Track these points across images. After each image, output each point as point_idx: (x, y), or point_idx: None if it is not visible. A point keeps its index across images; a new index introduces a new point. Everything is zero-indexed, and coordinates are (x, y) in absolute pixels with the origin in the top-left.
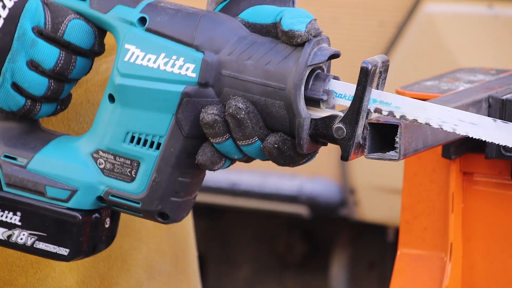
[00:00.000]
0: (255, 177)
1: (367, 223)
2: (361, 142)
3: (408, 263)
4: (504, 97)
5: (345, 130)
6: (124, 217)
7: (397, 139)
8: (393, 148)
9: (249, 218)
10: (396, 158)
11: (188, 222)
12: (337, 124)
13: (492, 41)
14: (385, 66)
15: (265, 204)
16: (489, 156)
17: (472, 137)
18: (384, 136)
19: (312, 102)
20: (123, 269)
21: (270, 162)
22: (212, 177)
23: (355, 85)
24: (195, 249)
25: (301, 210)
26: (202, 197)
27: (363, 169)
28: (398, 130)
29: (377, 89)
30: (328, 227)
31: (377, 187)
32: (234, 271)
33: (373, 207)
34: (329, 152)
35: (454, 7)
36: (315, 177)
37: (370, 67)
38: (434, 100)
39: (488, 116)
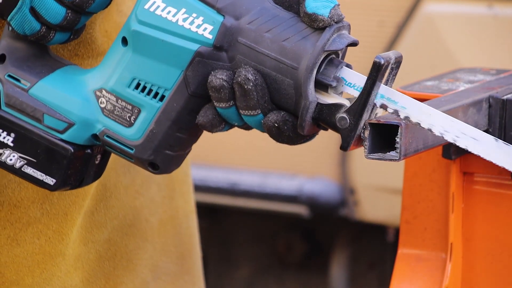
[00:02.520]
0: (255, 177)
1: (367, 223)
2: (361, 135)
3: (408, 263)
4: (505, 97)
5: (348, 121)
6: (129, 217)
7: (397, 139)
8: (394, 148)
9: (249, 218)
10: (397, 158)
11: (193, 222)
12: (341, 114)
13: (492, 41)
14: (398, 62)
15: (265, 204)
16: None
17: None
18: (384, 136)
19: (320, 86)
20: (129, 269)
21: (270, 161)
22: (212, 177)
23: (365, 77)
24: (199, 249)
25: (301, 210)
26: (202, 197)
27: (363, 169)
28: (399, 131)
29: (386, 84)
30: (328, 227)
31: (377, 187)
32: (234, 271)
33: (373, 207)
34: (329, 152)
35: (454, 7)
36: (315, 177)
37: (382, 63)
38: (434, 100)
39: (489, 117)
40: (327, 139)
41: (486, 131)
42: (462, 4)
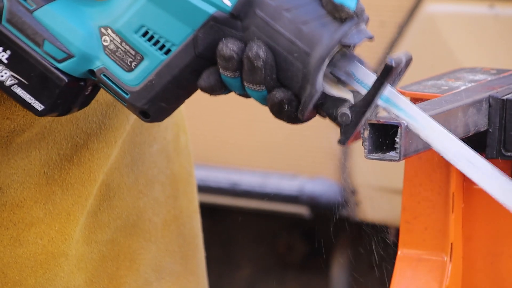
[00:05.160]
0: (255, 177)
1: (368, 223)
2: (361, 134)
3: (408, 263)
4: (505, 97)
5: (350, 117)
6: (133, 217)
7: (397, 140)
8: (394, 149)
9: (249, 218)
10: (397, 158)
11: (196, 222)
12: (344, 110)
13: (493, 41)
14: (408, 63)
15: (266, 204)
16: (489, 156)
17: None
18: (384, 136)
19: (332, 77)
20: (132, 269)
21: (271, 161)
22: (212, 177)
23: (375, 76)
24: (203, 250)
25: (302, 210)
26: (202, 197)
27: (364, 169)
28: (399, 131)
29: (393, 84)
30: (328, 227)
31: (378, 187)
32: (235, 271)
33: (374, 207)
34: (330, 153)
35: (455, 7)
36: (316, 177)
37: (394, 66)
38: (434, 100)
39: (489, 117)
40: (328, 139)
41: (486, 131)
42: (463, 4)
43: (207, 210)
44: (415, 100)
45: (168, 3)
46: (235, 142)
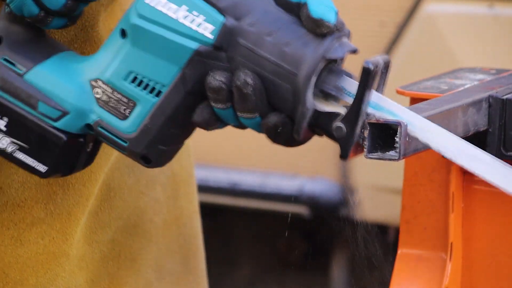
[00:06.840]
0: (256, 177)
1: (367, 223)
2: (360, 142)
3: (408, 263)
4: (504, 97)
5: (344, 129)
6: (134, 217)
7: (397, 139)
8: (393, 148)
9: (249, 218)
10: (396, 158)
11: (196, 222)
12: (337, 123)
13: (493, 41)
14: (387, 65)
15: (266, 204)
16: None
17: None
18: (384, 136)
19: (320, 93)
20: (133, 269)
21: (271, 161)
22: (213, 177)
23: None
24: (203, 250)
25: (302, 210)
26: (202, 197)
27: (364, 169)
28: (398, 130)
29: (378, 89)
30: (328, 227)
31: (378, 187)
32: (235, 271)
33: (374, 207)
34: (329, 153)
35: (455, 7)
36: (316, 177)
37: (372, 68)
38: (434, 100)
39: (488, 116)
40: (327, 139)
41: (486, 131)
42: (462, 4)
43: (207, 210)
44: (415, 100)
45: (152, 45)
46: (235, 142)
